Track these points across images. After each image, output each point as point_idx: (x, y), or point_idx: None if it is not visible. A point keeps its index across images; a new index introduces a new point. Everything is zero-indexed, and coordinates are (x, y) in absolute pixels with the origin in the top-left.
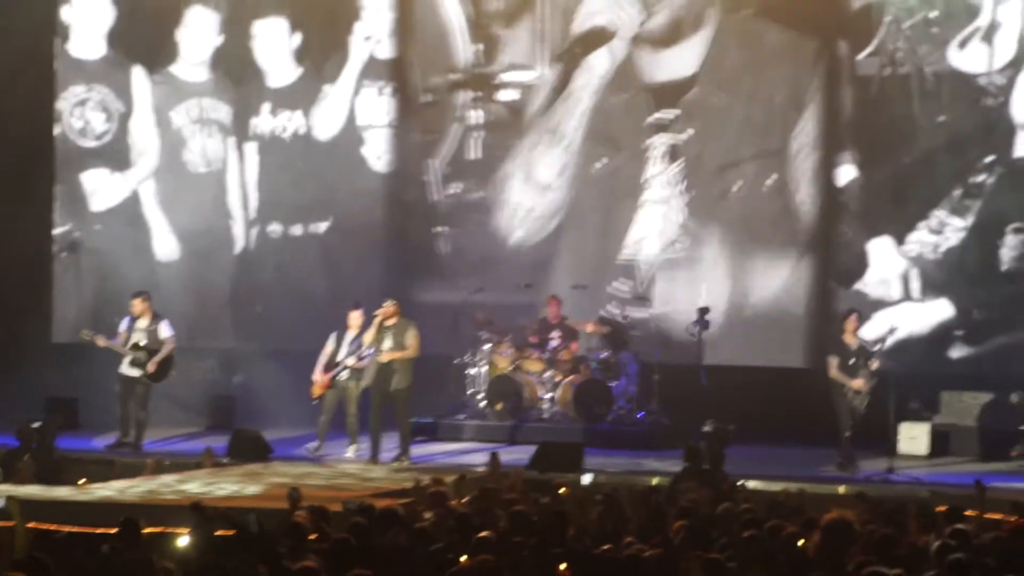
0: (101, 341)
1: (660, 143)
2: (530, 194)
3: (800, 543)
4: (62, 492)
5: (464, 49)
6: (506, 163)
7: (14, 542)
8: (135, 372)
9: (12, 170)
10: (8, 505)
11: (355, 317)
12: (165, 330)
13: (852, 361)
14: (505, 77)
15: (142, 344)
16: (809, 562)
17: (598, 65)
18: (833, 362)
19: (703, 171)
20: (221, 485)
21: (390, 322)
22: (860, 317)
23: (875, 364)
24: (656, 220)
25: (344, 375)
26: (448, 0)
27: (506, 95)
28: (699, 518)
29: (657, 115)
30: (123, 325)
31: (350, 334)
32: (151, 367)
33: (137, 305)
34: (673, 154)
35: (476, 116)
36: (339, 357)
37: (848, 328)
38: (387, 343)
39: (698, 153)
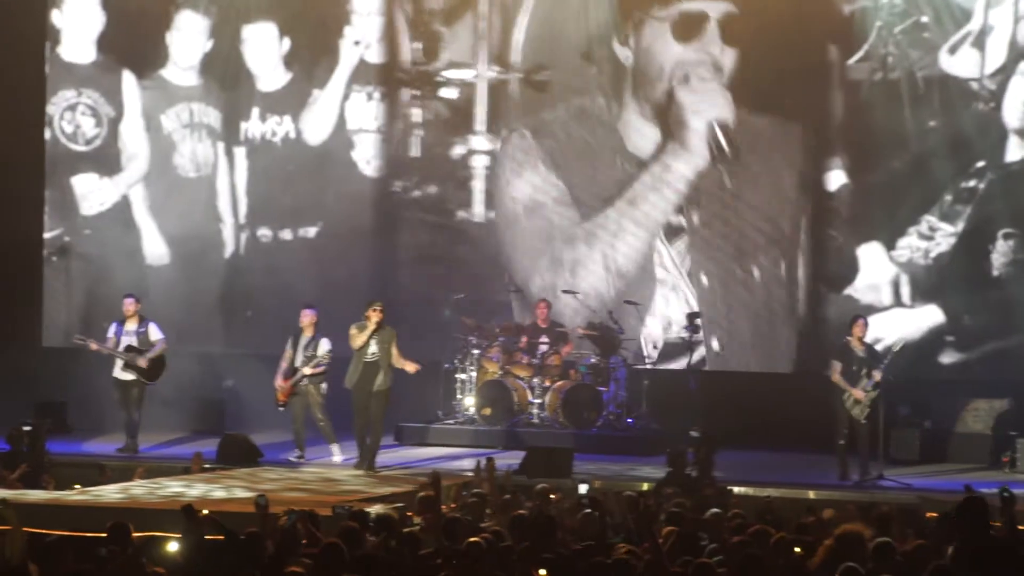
0: (94, 345)
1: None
2: (609, 283)
3: (797, 550)
4: (53, 496)
5: (405, 47)
6: (577, 246)
7: (9, 546)
8: (129, 375)
9: (2, 174)
10: (2, 509)
11: (307, 318)
12: (156, 332)
13: (855, 367)
14: (447, 74)
15: (134, 347)
16: (806, 570)
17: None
18: (836, 367)
19: None
20: (212, 489)
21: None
22: (866, 323)
23: (877, 376)
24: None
25: (304, 381)
26: None
27: (447, 92)
28: (687, 524)
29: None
30: (111, 330)
31: (304, 337)
32: (142, 362)
33: (130, 306)
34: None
35: (418, 114)
36: (297, 362)
37: (855, 333)
38: (372, 347)
39: None
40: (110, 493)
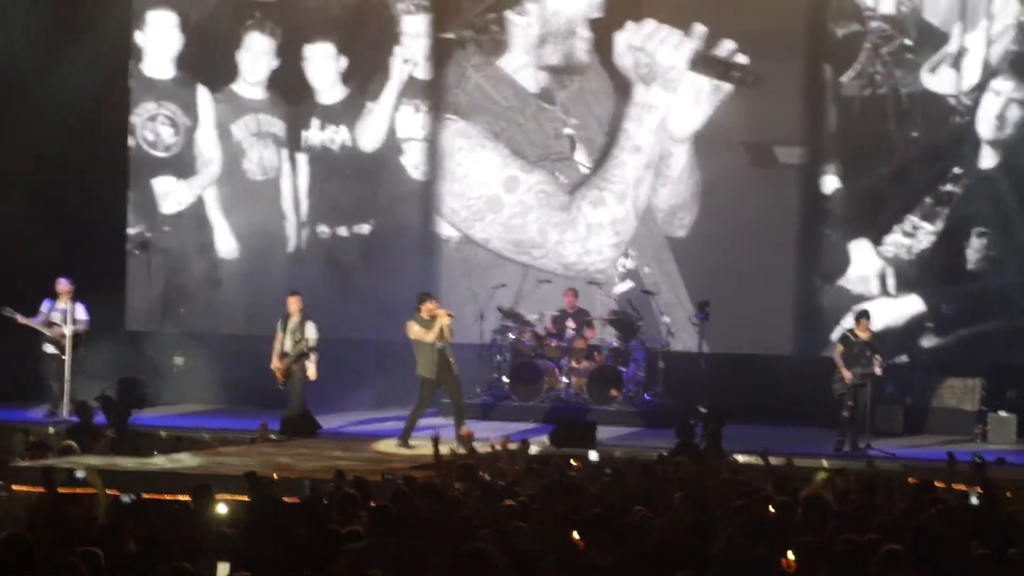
0: (20, 319)
1: None
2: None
3: (771, 509)
4: (132, 463)
5: None
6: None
7: (97, 507)
8: (53, 349)
9: (92, 177)
10: (88, 476)
11: (293, 303)
12: (81, 313)
13: (855, 351)
14: None
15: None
16: (794, 528)
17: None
18: (838, 348)
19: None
20: (275, 457)
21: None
22: (869, 321)
23: (878, 370)
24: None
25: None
26: None
27: None
28: (695, 489)
29: None
30: (45, 306)
31: (292, 320)
32: (60, 332)
33: (64, 287)
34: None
35: None
36: (287, 345)
37: (860, 325)
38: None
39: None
40: (186, 460)
